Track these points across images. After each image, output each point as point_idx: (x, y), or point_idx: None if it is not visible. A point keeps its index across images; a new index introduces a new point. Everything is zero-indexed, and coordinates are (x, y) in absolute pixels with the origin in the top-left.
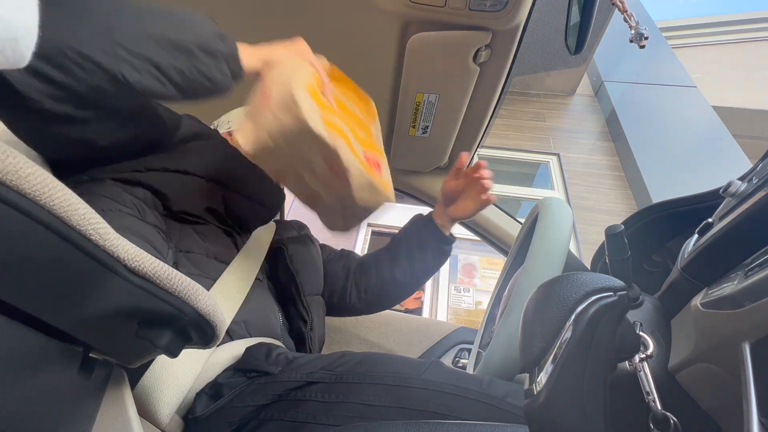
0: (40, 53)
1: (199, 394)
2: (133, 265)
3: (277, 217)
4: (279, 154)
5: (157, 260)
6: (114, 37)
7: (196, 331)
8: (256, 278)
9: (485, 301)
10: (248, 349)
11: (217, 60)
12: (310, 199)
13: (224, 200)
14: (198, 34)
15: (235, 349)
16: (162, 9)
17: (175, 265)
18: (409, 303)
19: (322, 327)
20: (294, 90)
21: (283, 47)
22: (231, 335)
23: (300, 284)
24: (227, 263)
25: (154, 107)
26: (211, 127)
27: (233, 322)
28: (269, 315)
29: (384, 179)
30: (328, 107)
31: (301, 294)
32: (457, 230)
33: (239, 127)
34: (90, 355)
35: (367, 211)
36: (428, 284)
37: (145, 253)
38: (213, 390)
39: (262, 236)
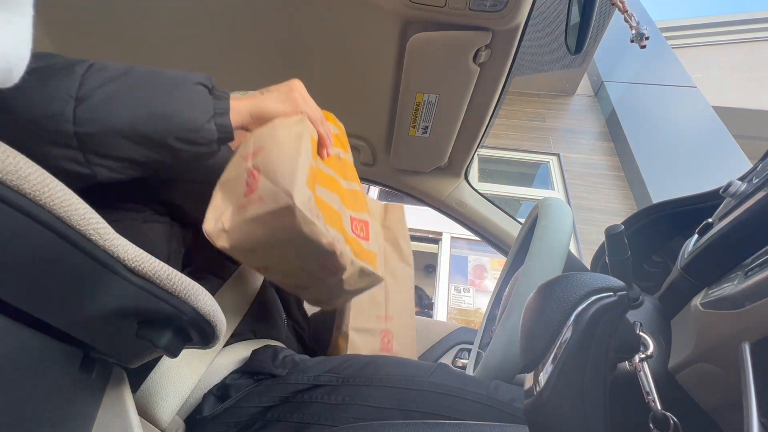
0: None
1: (206, 395)
2: (133, 265)
3: None
4: (266, 255)
5: (158, 261)
6: (82, 147)
7: (196, 331)
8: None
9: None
10: (255, 352)
11: (199, 145)
12: (296, 288)
13: None
14: (179, 120)
15: (241, 352)
16: (140, 81)
17: (190, 260)
18: None
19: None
20: (293, 192)
21: (275, 98)
22: (237, 337)
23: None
24: (238, 265)
25: None
26: None
27: (240, 324)
28: (275, 317)
29: (370, 249)
30: (322, 178)
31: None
32: (461, 231)
33: (214, 214)
34: (90, 355)
35: (357, 293)
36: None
37: (146, 253)
38: (221, 391)
39: None
